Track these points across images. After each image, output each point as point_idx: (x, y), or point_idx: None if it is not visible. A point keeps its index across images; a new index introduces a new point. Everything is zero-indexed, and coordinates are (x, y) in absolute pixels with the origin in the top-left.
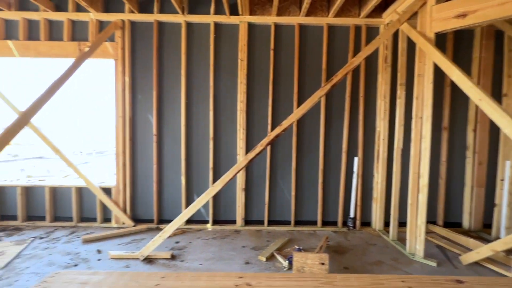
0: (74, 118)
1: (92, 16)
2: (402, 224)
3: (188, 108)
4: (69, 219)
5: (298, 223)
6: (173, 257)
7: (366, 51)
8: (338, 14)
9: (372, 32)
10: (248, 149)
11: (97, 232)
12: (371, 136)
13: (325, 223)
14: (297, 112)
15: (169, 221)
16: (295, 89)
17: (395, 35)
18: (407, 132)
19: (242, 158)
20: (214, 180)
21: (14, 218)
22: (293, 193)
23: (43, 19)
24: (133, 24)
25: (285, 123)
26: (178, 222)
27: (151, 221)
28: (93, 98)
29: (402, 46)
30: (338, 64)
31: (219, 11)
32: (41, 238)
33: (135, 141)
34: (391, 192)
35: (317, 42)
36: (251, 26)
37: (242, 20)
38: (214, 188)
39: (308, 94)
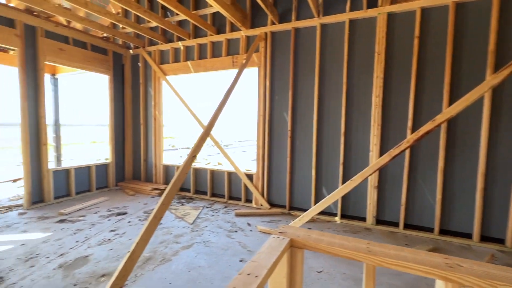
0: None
1: (242, 33)
2: None
3: (319, 105)
4: (222, 196)
5: (443, 232)
6: None
7: None
8: None
9: None
10: (383, 145)
11: (242, 209)
12: None
13: (484, 239)
14: (458, 105)
15: (298, 209)
16: (446, 79)
17: None
18: None
19: (375, 155)
20: (344, 175)
21: (188, 190)
22: (438, 196)
23: (209, 41)
24: (273, 34)
25: (439, 118)
26: (317, 209)
27: (283, 206)
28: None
29: None
30: None
31: (354, 7)
32: (207, 207)
33: (272, 136)
34: None
35: (480, 20)
36: (390, 16)
37: (381, 12)
38: (353, 182)
39: (465, 83)
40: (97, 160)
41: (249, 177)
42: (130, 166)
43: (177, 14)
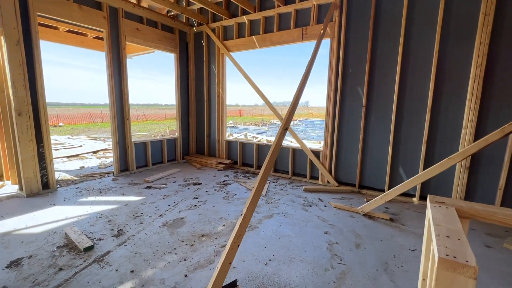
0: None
1: (314, 1)
2: None
3: (401, 78)
4: (285, 172)
5: None
6: (391, 220)
7: None
8: None
9: None
10: (480, 122)
11: (309, 185)
12: None
13: None
14: None
15: (368, 187)
16: None
17: None
18: None
19: (469, 132)
20: (427, 155)
21: (250, 165)
22: None
23: (276, 13)
24: (349, 1)
25: None
26: (404, 187)
27: (352, 184)
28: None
29: None
30: None
31: None
32: (273, 182)
33: (342, 112)
34: None
35: None
36: None
37: None
38: (451, 160)
39: None
40: (153, 136)
41: (316, 154)
42: (194, 141)
43: None
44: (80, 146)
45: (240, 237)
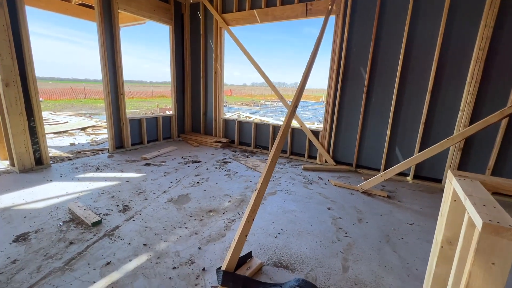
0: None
1: None
2: None
3: (405, 59)
4: (284, 151)
5: None
6: (389, 197)
7: None
8: None
9: None
10: (477, 105)
11: (307, 164)
12: None
13: None
14: None
15: (365, 167)
16: None
17: None
18: None
19: (466, 115)
20: (424, 136)
21: (248, 145)
22: None
23: None
24: None
25: None
26: (402, 167)
27: (349, 164)
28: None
29: None
30: None
31: None
32: None
33: (343, 92)
34: None
35: None
36: None
37: None
38: (451, 140)
39: None
40: (142, 114)
41: (315, 134)
42: (189, 119)
43: None
44: (66, 122)
45: (255, 211)
